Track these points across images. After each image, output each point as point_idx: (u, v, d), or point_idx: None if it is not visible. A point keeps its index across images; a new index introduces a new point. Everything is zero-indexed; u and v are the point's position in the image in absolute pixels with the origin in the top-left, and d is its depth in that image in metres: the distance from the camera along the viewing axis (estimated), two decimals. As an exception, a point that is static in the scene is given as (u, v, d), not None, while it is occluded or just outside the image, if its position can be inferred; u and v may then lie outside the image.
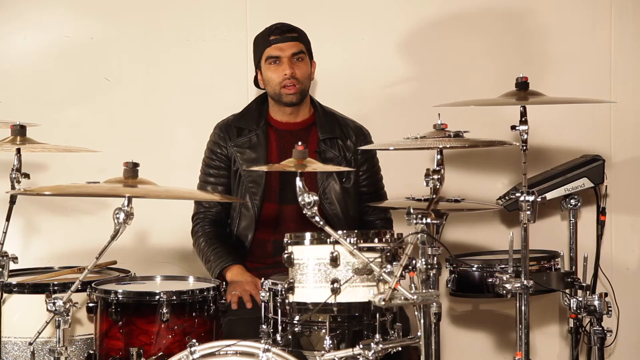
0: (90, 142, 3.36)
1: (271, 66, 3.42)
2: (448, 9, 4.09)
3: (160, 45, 3.94)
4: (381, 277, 2.48)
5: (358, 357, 2.52)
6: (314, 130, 3.53)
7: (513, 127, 2.87)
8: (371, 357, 2.51)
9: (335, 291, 2.53)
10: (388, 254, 2.55)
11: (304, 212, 2.49)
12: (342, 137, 3.52)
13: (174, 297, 2.81)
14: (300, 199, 2.48)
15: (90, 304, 2.88)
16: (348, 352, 2.53)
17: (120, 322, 2.81)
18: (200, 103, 3.95)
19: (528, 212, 2.82)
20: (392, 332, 2.71)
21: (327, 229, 2.50)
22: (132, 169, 2.61)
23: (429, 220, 2.50)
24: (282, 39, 3.41)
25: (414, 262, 2.49)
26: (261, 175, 3.45)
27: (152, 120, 3.94)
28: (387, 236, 2.61)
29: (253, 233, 3.46)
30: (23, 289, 3.07)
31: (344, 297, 2.55)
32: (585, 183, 3.79)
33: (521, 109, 2.87)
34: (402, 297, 2.42)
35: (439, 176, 2.59)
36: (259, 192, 3.45)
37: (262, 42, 3.45)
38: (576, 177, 3.79)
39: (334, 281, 2.53)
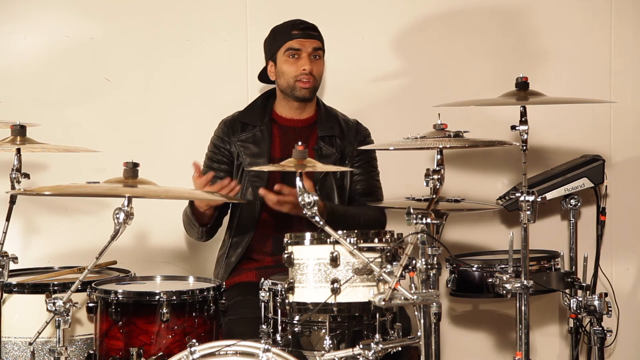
0: (90, 142, 3.36)
1: (289, 59, 3.43)
2: (448, 9, 4.09)
3: (160, 46, 3.94)
4: (381, 277, 2.48)
5: (358, 357, 2.52)
6: (315, 128, 3.55)
7: (513, 127, 2.87)
8: (371, 357, 2.51)
9: (335, 291, 2.53)
10: (388, 254, 2.56)
11: (304, 212, 2.49)
12: (341, 135, 3.54)
13: (174, 297, 2.81)
14: (300, 199, 2.49)
15: (90, 304, 2.88)
16: (348, 352, 2.53)
17: (120, 322, 2.81)
18: (200, 103, 3.95)
19: (528, 212, 2.82)
20: (392, 332, 2.72)
21: (327, 229, 2.50)
22: (132, 169, 2.61)
23: (429, 220, 2.50)
24: (304, 35, 3.43)
25: (414, 262, 2.49)
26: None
27: (152, 120, 3.94)
28: (387, 236, 2.61)
29: (255, 227, 3.47)
30: (23, 289, 3.07)
31: (344, 297, 2.54)
32: (585, 183, 3.79)
33: (521, 109, 2.87)
34: (402, 297, 2.42)
35: (439, 176, 2.59)
36: (262, 187, 3.45)
37: (282, 34, 3.46)
38: (576, 177, 3.79)
39: (334, 281, 2.53)
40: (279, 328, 2.78)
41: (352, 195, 3.55)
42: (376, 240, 2.59)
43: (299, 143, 2.61)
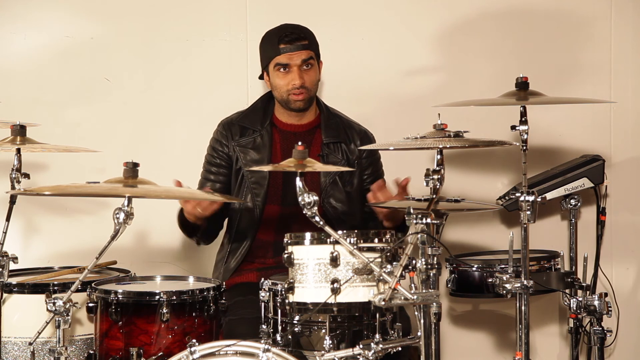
0: (90, 142, 3.36)
1: (280, 73, 3.38)
2: (448, 10, 4.08)
3: (160, 45, 3.94)
4: (381, 277, 2.48)
5: (358, 357, 2.52)
6: (318, 133, 3.51)
7: (513, 127, 2.87)
8: (371, 357, 2.51)
9: (335, 291, 2.53)
10: (388, 254, 2.55)
11: (304, 212, 2.49)
12: (346, 140, 3.51)
13: (174, 297, 2.81)
14: (300, 198, 2.48)
15: (90, 304, 2.88)
16: (348, 352, 2.53)
17: (120, 322, 2.81)
18: (200, 103, 3.95)
19: (528, 212, 2.81)
20: (392, 332, 2.72)
21: (327, 229, 2.50)
22: (132, 169, 2.61)
23: (429, 220, 2.50)
24: (292, 47, 3.35)
25: (414, 262, 2.49)
26: (264, 177, 3.44)
27: (152, 120, 3.94)
28: (387, 236, 2.61)
29: (254, 234, 3.46)
30: (23, 289, 3.07)
31: (344, 297, 2.55)
32: (585, 183, 3.79)
33: (521, 109, 2.87)
34: (402, 297, 2.42)
35: (439, 176, 2.59)
36: (262, 194, 3.44)
37: (270, 47, 3.39)
38: (576, 177, 3.78)
39: (334, 281, 2.53)
40: (279, 328, 2.78)
41: (363, 200, 3.54)
42: (376, 240, 2.59)
43: (299, 143, 2.60)
